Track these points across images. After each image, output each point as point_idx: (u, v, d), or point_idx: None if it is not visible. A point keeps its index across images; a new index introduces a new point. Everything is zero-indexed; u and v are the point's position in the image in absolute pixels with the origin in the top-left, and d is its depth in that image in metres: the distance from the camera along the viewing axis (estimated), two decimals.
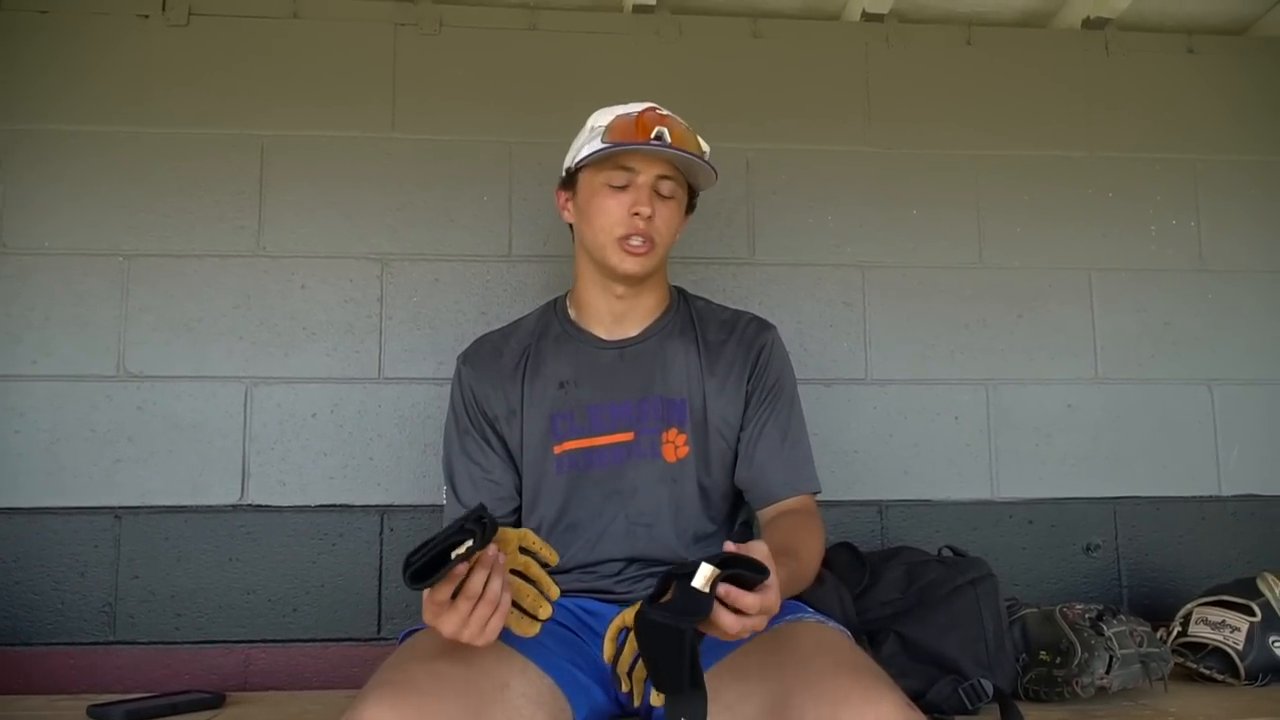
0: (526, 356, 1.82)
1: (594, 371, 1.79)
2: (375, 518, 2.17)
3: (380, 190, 2.26)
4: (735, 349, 1.81)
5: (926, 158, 2.39)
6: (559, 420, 1.77)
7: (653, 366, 1.79)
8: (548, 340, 1.84)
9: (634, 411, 1.76)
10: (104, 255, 2.18)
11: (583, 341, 1.82)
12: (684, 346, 1.81)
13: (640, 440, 1.75)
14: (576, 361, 1.80)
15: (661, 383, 1.78)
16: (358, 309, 2.23)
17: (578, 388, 1.78)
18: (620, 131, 1.70)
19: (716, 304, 1.91)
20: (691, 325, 1.84)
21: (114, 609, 2.10)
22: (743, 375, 1.79)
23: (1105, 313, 2.39)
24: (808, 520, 1.74)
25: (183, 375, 2.17)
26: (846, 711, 1.29)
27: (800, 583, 1.61)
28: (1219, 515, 2.36)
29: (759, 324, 1.86)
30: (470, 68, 2.31)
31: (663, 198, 1.73)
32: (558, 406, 1.78)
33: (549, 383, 1.79)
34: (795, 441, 1.79)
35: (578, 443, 1.76)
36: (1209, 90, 2.49)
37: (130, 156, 2.21)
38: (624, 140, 1.69)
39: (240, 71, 2.26)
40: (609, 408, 1.77)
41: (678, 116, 1.75)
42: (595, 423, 1.76)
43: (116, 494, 2.13)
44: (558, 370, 1.80)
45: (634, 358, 1.80)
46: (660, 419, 1.76)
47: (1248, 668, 1.98)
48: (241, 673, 2.10)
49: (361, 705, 1.32)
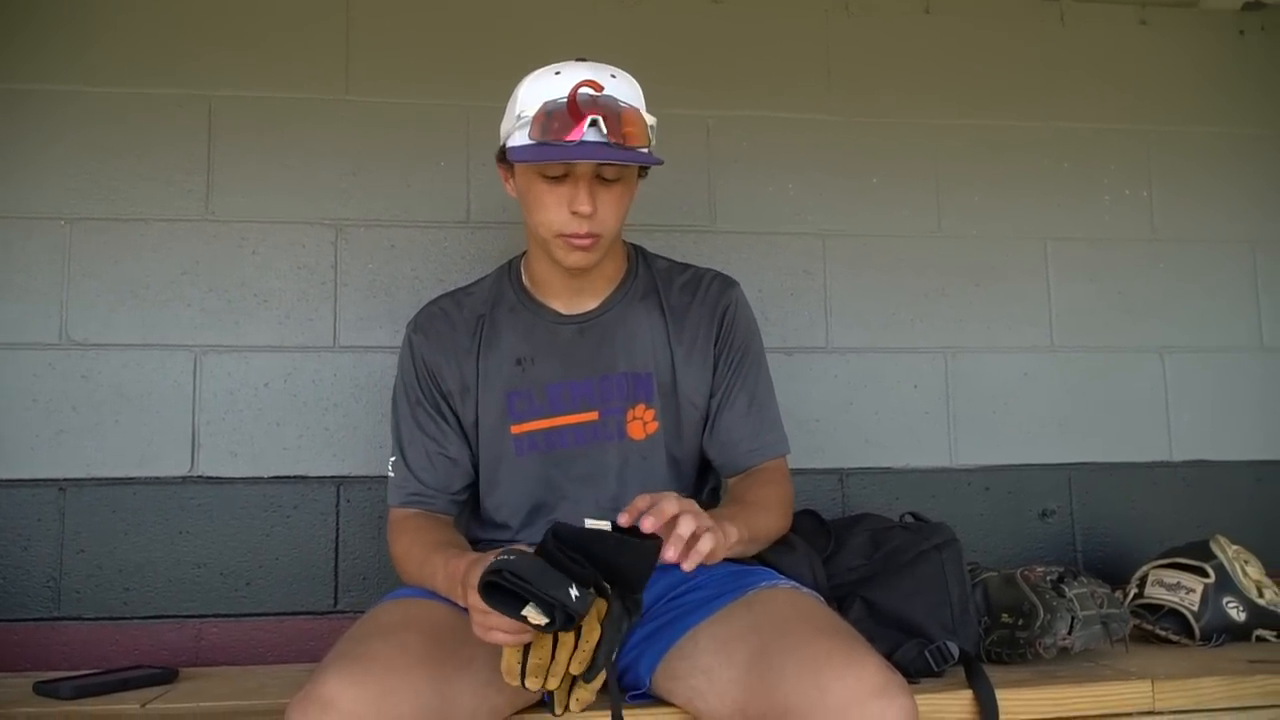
0: (481, 328, 1.75)
1: (552, 348, 1.73)
2: (331, 489, 2.13)
3: (334, 154, 2.20)
4: (700, 311, 1.76)
5: (886, 126, 2.40)
6: (516, 399, 1.72)
7: (615, 341, 1.73)
8: (502, 310, 1.77)
9: (596, 390, 1.71)
10: (45, 219, 2.10)
11: (539, 315, 1.76)
12: (648, 313, 1.76)
13: (606, 421, 1.71)
14: (533, 337, 1.74)
15: (626, 358, 1.73)
16: (311, 275, 2.17)
17: (535, 365, 1.72)
18: (548, 124, 1.52)
19: (678, 262, 1.85)
20: (654, 289, 1.78)
21: (59, 584, 2.03)
22: (709, 340, 1.75)
23: (1060, 282, 2.42)
24: (770, 476, 1.73)
25: (129, 343, 2.10)
26: (828, 674, 1.30)
27: (760, 529, 1.61)
28: (1170, 480, 2.41)
29: (721, 282, 1.80)
30: (426, 30, 2.25)
31: (606, 182, 1.60)
32: (515, 384, 1.72)
33: (505, 359, 1.73)
34: (762, 405, 1.77)
35: (538, 423, 1.71)
36: (1160, 62, 2.52)
37: (72, 116, 2.13)
38: (551, 138, 1.51)
39: (188, 28, 2.18)
40: (569, 385, 1.71)
41: (617, 82, 1.58)
42: (555, 402, 1.71)
43: (61, 466, 2.06)
44: (514, 346, 1.74)
45: (595, 332, 1.74)
46: (626, 397, 1.71)
47: (1203, 628, 2.01)
48: (193, 647, 2.05)
49: (321, 679, 1.28)
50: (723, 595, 1.55)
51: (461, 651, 1.39)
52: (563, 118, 1.51)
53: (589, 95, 1.53)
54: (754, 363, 1.78)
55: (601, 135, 1.51)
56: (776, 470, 1.76)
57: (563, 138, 1.51)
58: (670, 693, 1.51)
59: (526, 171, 1.61)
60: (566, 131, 1.51)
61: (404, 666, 1.32)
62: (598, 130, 1.51)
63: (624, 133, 1.52)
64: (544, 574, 1.21)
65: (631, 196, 1.67)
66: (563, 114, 1.51)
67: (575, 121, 1.50)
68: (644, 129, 1.56)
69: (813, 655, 1.33)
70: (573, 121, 1.51)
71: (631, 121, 1.54)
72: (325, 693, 1.26)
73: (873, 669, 1.31)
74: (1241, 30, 2.56)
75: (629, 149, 1.53)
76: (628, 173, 1.62)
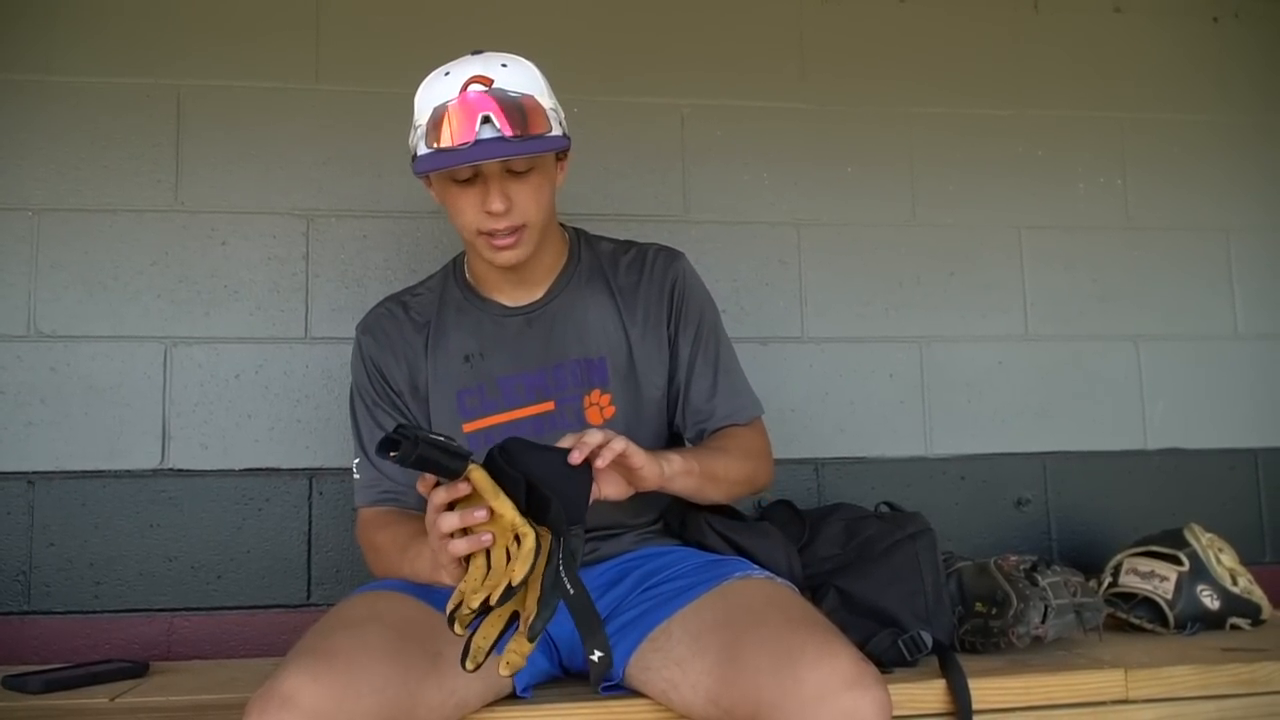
0: (429, 329, 1.74)
1: (500, 341, 1.72)
2: (303, 481, 2.12)
3: (305, 143, 2.18)
4: (649, 289, 1.75)
5: (861, 114, 2.39)
6: (466, 397, 1.70)
7: (565, 328, 1.72)
8: (449, 310, 1.75)
9: (549, 379, 1.70)
10: (11, 210, 2.09)
11: (485, 310, 1.74)
12: (595, 297, 1.74)
13: (562, 409, 1.69)
14: (480, 332, 1.73)
15: (578, 344, 1.71)
16: (282, 266, 2.16)
17: (484, 360, 1.71)
18: (442, 129, 1.49)
19: (621, 240, 1.83)
20: (600, 272, 1.77)
21: (29, 578, 2.02)
22: (661, 317, 1.74)
23: (1035, 270, 2.42)
24: (738, 430, 1.74)
25: (98, 335, 2.09)
26: (802, 666, 1.30)
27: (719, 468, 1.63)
28: (1144, 469, 2.41)
29: (667, 256, 1.79)
30: (396, 17, 2.24)
31: (518, 174, 1.56)
32: (464, 382, 1.70)
33: (453, 357, 1.72)
34: (726, 370, 1.77)
35: (492, 419, 1.69)
36: (1134, 49, 2.52)
37: (38, 106, 2.11)
38: (446, 145, 1.48)
39: (155, 18, 2.17)
40: (521, 378, 1.70)
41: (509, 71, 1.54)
42: (508, 396, 1.69)
43: (29, 459, 2.05)
44: (461, 343, 1.72)
45: (543, 322, 1.72)
46: (580, 384, 1.70)
47: (1177, 616, 2.02)
48: (165, 641, 2.04)
49: (282, 675, 1.27)
50: (697, 586, 1.55)
51: (429, 646, 1.38)
52: (455, 118, 1.49)
53: (478, 91, 1.50)
54: (710, 331, 1.77)
55: (496, 130, 1.48)
56: (748, 427, 1.76)
57: (457, 141, 1.48)
58: (644, 684, 1.51)
59: (438, 178, 1.59)
60: (461, 134, 1.48)
61: (367, 661, 1.31)
62: (492, 126, 1.48)
63: (521, 123, 1.49)
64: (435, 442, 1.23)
65: (552, 183, 1.64)
66: (454, 113, 1.49)
67: (468, 120, 1.48)
68: (543, 114, 1.53)
69: (786, 647, 1.33)
70: (466, 121, 1.48)
71: (527, 111, 1.51)
72: (285, 689, 1.25)
73: (846, 660, 1.31)
74: (1215, 17, 2.56)
75: (530, 138, 1.50)
76: (539, 161, 1.59)
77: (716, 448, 1.68)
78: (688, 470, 1.54)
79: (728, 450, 1.68)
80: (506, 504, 1.24)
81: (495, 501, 1.24)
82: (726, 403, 1.75)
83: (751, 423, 1.78)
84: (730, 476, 1.65)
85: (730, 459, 1.66)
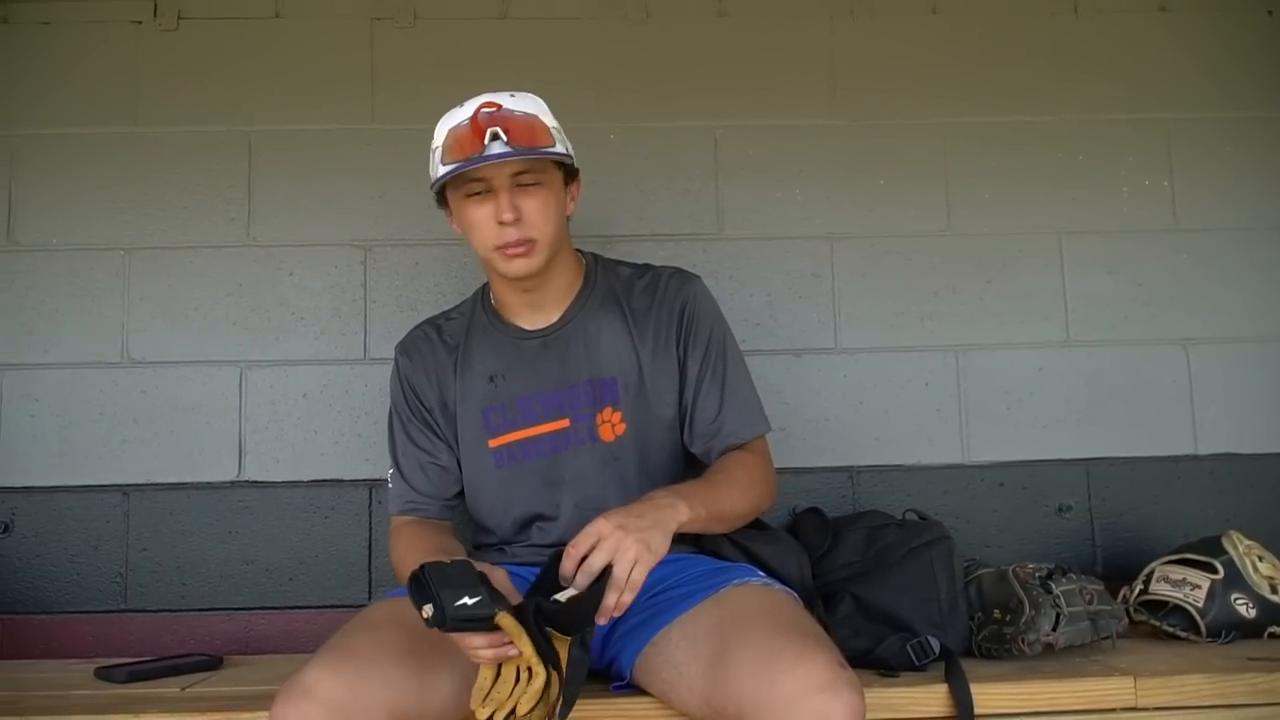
0: (459, 350, 1.88)
1: (519, 362, 1.84)
2: (364, 491, 2.28)
3: (361, 179, 2.35)
4: (660, 311, 1.83)
5: (893, 128, 2.41)
6: (491, 414, 1.83)
7: (578, 350, 1.82)
8: (475, 333, 1.89)
9: (564, 399, 1.80)
10: (106, 249, 2.32)
11: (506, 333, 1.86)
12: (610, 320, 1.84)
13: (577, 426, 1.80)
14: (502, 354, 1.85)
15: (589, 364, 1.81)
16: (343, 293, 2.33)
17: (506, 380, 1.83)
18: (456, 146, 1.67)
19: (639, 264, 1.93)
20: (614, 295, 1.86)
21: (125, 579, 2.24)
22: (671, 339, 1.82)
23: (1076, 276, 2.40)
24: (742, 456, 1.79)
25: (182, 360, 2.30)
26: (779, 668, 1.36)
27: (724, 505, 1.69)
28: (1196, 474, 2.36)
29: (679, 279, 1.87)
30: (444, 57, 2.38)
31: (525, 188, 1.70)
32: (489, 400, 1.83)
33: (479, 377, 1.85)
34: (734, 389, 1.83)
35: (513, 435, 1.82)
36: (1181, 48, 2.46)
37: (128, 155, 2.34)
38: (460, 157, 1.66)
39: (227, 70, 2.37)
40: (538, 397, 1.81)
41: (516, 99, 1.71)
42: (527, 414, 1.81)
43: (124, 473, 2.27)
44: (486, 364, 1.85)
45: (558, 344, 1.83)
46: (593, 402, 1.80)
47: (1209, 624, 1.99)
48: (243, 637, 2.23)
49: (306, 669, 1.41)
50: (697, 593, 1.62)
51: (442, 645, 1.46)
52: (467, 136, 1.66)
53: (488, 113, 1.67)
54: (719, 351, 1.84)
55: (504, 145, 1.64)
56: (751, 449, 1.82)
57: (469, 154, 1.65)
58: (648, 685, 1.61)
59: (456, 199, 1.74)
60: (472, 148, 1.65)
61: (381, 658, 1.44)
62: (500, 142, 1.64)
63: (526, 138, 1.66)
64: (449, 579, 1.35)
65: (560, 202, 1.76)
66: (467, 134, 1.66)
67: (478, 137, 1.65)
68: (547, 132, 1.71)
69: (766, 651, 1.40)
70: (476, 138, 1.65)
71: (532, 128, 1.68)
72: (307, 681, 1.39)
73: (820, 665, 1.36)
74: (1270, 10, 2.47)
75: (529, 149, 1.66)
76: (546, 177, 1.72)
77: (720, 481, 1.73)
78: (694, 517, 1.59)
79: (732, 483, 1.73)
80: (528, 644, 1.36)
81: (519, 641, 1.36)
82: (732, 419, 1.81)
83: (755, 442, 1.83)
84: (736, 511, 1.73)
85: (734, 492, 1.72)
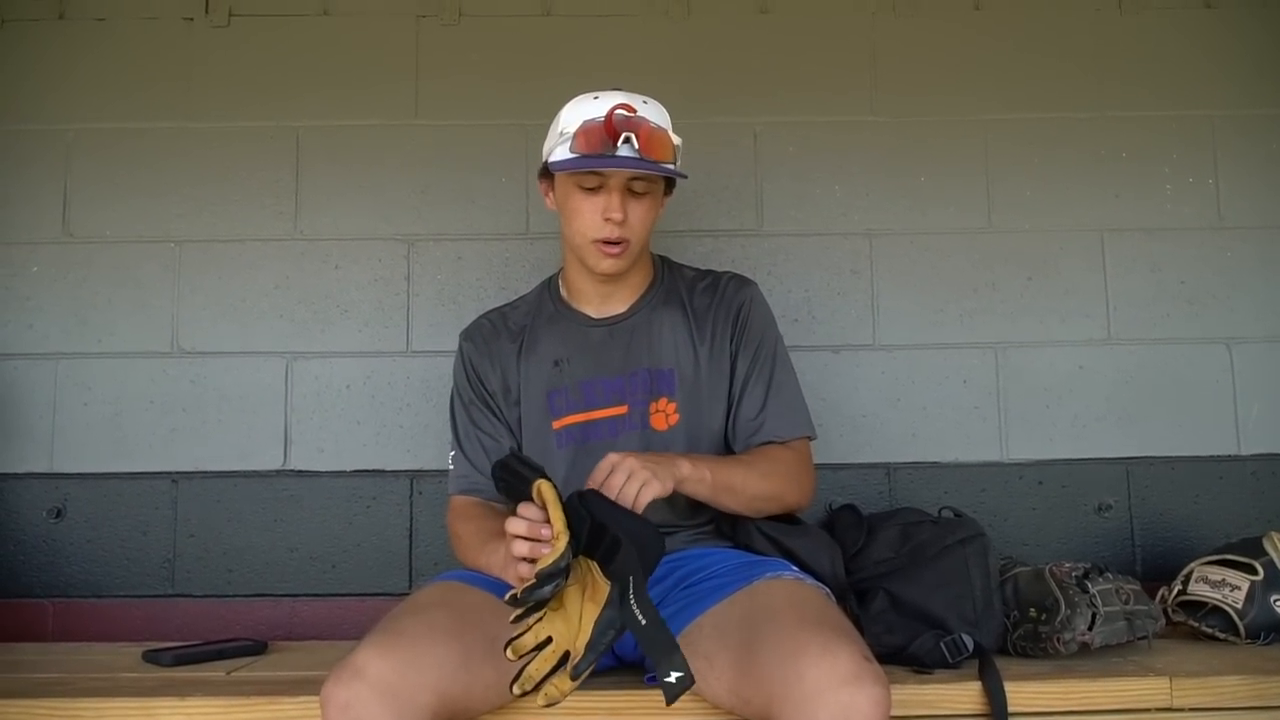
0: (523, 336, 1.94)
1: (585, 349, 1.90)
2: (405, 482, 2.33)
3: (405, 174, 2.39)
4: (719, 311, 1.91)
5: (934, 124, 2.41)
6: (556, 396, 1.89)
7: (640, 341, 1.89)
8: (542, 320, 1.95)
9: (625, 385, 1.87)
10: (158, 242, 2.37)
11: (574, 321, 1.93)
12: (671, 316, 1.91)
13: (633, 413, 1.86)
14: (568, 340, 1.91)
15: (649, 356, 1.88)
16: (386, 287, 2.37)
17: (571, 365, 1.89)
18: (587, 139, 1.72)
19: (702, 269, 2.00)
20: (678, 294, 1.94)
21: (173, 565, 2.30)
22: (726, 337, 1.89)
23: (1118, 273, 2.38)
24: (775, 448, 1.84)
25: (230, 351, 2.35)
26: (805, 662, 1.38)
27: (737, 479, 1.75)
28: (1238, 475, 2.34)
29: (737, 283, 1.95)
30: (488, 54, 2.42)
31: (636, 195, 1.78)
32: (554, 384, 1.89)
33: (544, 361, 1.91)
34: (779, 390, 1.89)
35: (576, 417, 1.87)
36: (1227, 44, 2.44)
37: (179, 150, 2.39)
38: (589, 151, 1.71)
39: (276, 67, 2.42)
40: (601, 382, 1.87)
41: (649, 107, 1.76)
42: (590, 397, 1.87)
43: (174, 460, 2.32)
44: (551, 349, 1.91)
45: (622, 334, 1.90)
46: (649, 391, 1.86)
47: (1248, 626, 1.98)
48: (288, 623, 2.28)
49: (357, 651, 1.45)
50: (728, 586, 1.65)
51: (488, 630, 1.52)
52: (600, 134, 1.71)
53: (624, 116, 1.72)
54: (769, 353, 1.90)
55: (634, 151, 1.70)
56: (789, 446, 1.86)
57: (599, 152, 1.71)
58: None
59: (565, 184, 1.80)
60: (603, 146, 1.71)
61: (430, 641, 1.48)
62: (630, 146, 1.70)
63: (654, 150, 1.71)
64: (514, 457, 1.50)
65: (658, 210, 1.86)
66: (600, 131, 1.71)
67: (611, 138, 1.70)
68: (671, 148, 1.75)
69: (792, 644, 1.42)
70: (609, 138, 1.70)
71: (660, 141, 1.73)
72: (358, 661, 1.43)
73: (845, 658, 1.38)
74: None
75: (657, 163, 1.72)
76: (655, 187, 1.81)
77: (740, 460, 1.81)
78: (698, 478, 1.66)
79: (752, 465, 1.79)
80: (560, 516, 1.41)
81: (554, 510, 1.41)
82: (774, 419, 1.86)
83: (795, 442, 1.87)
84: (749, 490, 1.76)
85: (750, 473, 1.77)
